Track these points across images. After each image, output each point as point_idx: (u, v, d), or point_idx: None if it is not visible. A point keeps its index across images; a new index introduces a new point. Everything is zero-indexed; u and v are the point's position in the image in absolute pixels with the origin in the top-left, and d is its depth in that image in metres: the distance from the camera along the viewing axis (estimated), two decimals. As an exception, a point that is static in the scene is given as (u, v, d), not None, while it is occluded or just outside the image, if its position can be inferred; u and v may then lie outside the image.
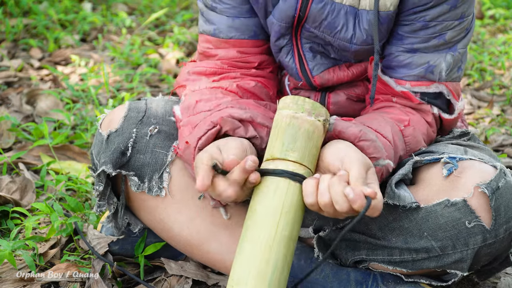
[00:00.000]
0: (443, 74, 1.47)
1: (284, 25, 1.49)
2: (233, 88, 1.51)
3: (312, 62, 1.54)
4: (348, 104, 1.59)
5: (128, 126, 1.50)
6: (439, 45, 1.46)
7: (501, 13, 4.18)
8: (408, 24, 1.46)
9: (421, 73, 1.47)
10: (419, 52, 1.46)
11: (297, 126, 1.27)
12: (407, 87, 1.48)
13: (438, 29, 1.44)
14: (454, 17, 1.44)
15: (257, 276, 1.17)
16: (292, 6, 1.46)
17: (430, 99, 1.49)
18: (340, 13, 1.45)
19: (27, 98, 2.76)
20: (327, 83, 1.56)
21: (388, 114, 1.47)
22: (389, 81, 1.49)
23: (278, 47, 1.55)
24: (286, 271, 1.21)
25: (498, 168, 1.35)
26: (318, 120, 1.29)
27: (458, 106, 1.53)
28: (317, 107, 1.30)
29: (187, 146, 1.36)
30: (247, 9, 1.52)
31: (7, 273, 1.63)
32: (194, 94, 1.48)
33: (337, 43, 1.49)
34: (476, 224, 1.32)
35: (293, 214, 1.23)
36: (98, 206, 1.56)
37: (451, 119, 1.53)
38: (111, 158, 1.48)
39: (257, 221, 1.22)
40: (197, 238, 1.51)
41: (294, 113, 1.28)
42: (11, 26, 3.66)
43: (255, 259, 1.19)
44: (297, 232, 1.25)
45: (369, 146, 1.30)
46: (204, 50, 1.56)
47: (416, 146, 1.46)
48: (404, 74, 1.48)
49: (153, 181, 1.49)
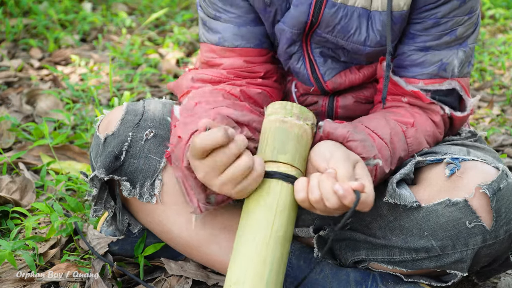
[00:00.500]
0: (456, 70, 1.47)
1: (296, 32, 1.48)
2: (236, 92, 1.49)
3: (323, 67, 1.53)
4: (357, 106, 1.58)
5: (125, 129, 1.49)
6: (450, 41, 1.45)
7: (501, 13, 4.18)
8: (420, 22, 1.45)
9: (435, 71, 1.46)
10: (431, 50, 1.46)
11: (286, 130, 1.29)
12: (420, 85, 1.47)
13: (450, 26, 1.44)
14: (464, 12, 1.44)
15: (255, 276, 1.18)
16: (304, 12, 1.45)
17: (441, 97, 1.49)
18: (353, 16, 1.44)
19: (27, 98, 2.76)
20: (339, 87, 1.55)
21: (393, 114, 1.47)
22: (399, 80, 1.49)
23: (289, 54, 1.53)
24: (282, 270, 1.22)
25: (500, 170, 1.35)
26: (307, 124, 1.31)
27: (470, 102, 1.52)
28: (304, 111, 1.32)
29: (179, 140, 1.33)
30: (253, 18, 1.51)
31: (7, 273, 1.63)
32: (195, 96, 1.48)
33: (350, 46, 1.48)
34: (476, 224, 1.32)
35: (287, 214, 1.24)
36: (94, 210, 1.55)
37: (463, 116, 1.52)
38: (105, 162, 1.47)
39: (252, 222, 1.23)
40: (196, 239, 1.51)
41: (283, 118, 1.30)
42: (11, 26, 3.66)
43: (252, 259, 1.20)
44: (291, 232, 1.26)
45: (357, 146, 1.31)
46: (207, 59, 1.54)
47: (418, 147, 1.45)
48: (417, 73, 1.47)
49: (144, 187, 1.48)
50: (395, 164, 1.40)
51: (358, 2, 1.43)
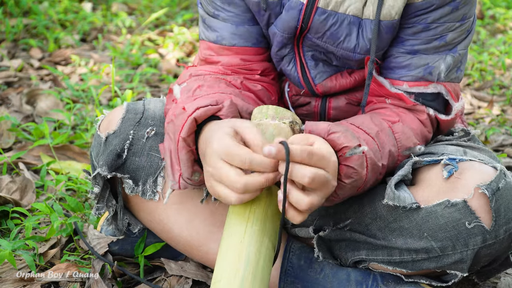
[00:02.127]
0: (442, 75, 1.47)
1: (287, 36, 1.48)
2: (237, 83, 1.50)
3: (314, 70, 1.54)
4: (349, 108, 1.58)
5: (126, 127, 1.50)
6: (439, 46, 1.45)
7: (501, 13, 4.18)
8: (410, 27, 1.45)
9: (420, 73, 1.46)
10: (419, 54, 1.46)
11: (262, 131, 1.29)
12: (404, 87, 1.47)
13: (439, 31, 1.44)
14: (455, 18, 1.44)
15: (230, 272, 1.17)
16: (294, 17, 1.45)
17: (426, 101, 1.49)
18: (343, 23, 1.44)
19: (27, 98, 2.76)
20: (330, 90, 1.55)
21: (379, 115, 1.47)
22: (383, 81, 1.48)
23: (280, 56, 1.54)
24: (262, 265, 1.20)
25: (498, 169, 1.35)
26: (283, 122, 1.31)
27: (456, 107, 1.52)
28: (280, 111, 1.33)
29: (183, 111, 1.32)
30: (250, 17, 1.52)
31: (7, 273, 1.63)
32: (197, 80, 1.47)
33: (340, 52, 1.48)
34: (476, 224, 1.32)
35: (262, 209, 1.23)
36: (96, 208, 1.55)
37: (447, 120, 1.52)
38: (107, 160, 1.48)
39: (231, 217, 1.24)
40: (197, 239, 1.51)
41: (259, 121, 1.31)
42: (11, 26, 3.66)
43: (228, 255, 1.19)
44: (271, 226, 1.24)
45: (339, 137, 1.28)
46: (206, 56, 1.55)
47: (408, 142, 1.44)
48: (402, 74, 1.47)
49: (147, 184, 1.49)
50: (386, 158, 1.39)
51: (349, 10, 1.43)
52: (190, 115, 1.29)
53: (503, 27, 4.06)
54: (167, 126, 1.36)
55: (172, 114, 1.34)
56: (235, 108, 1.34)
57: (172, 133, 1.33)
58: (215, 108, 1.31)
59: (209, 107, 1.30)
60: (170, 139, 1.34)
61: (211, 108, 1.31)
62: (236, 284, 1.15)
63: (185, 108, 1.31)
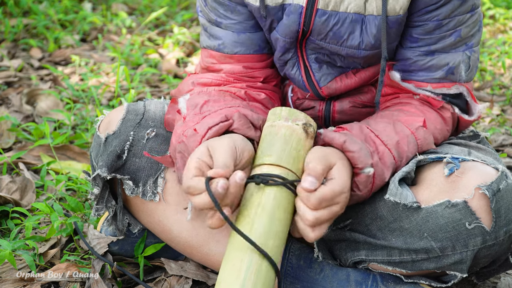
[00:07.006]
0: (463, 74, 1.47)
1: (289, 40, 1.48)
2: (241, 94, 1.50)
3: (318, 73, 1.53)
4: (354, 111, 1.58)
5: (126, 128, 1.50)
6: (456, 42, 1.45)
7: (501, 13, 4.18)
8: (421, 25, 1.45)
9: (442, 75, 1.46)
10: (437, 53, 1.45)
11: (274, 133, 1.29)
12: (428, 89, 1.47)
13: (452, 26, 1.44)
14: (466, 10, 1.43)
15: (231, 273, 1.17)
16: (295, 21, 1.45)
17: (451, 99, 1.49)
18: (345, 22, 1.44)
19: (27, 98, 2.76)
20: (335, 92, 1.55)
21: (403, 113, 1.46)
22: (408, 86, 1.49)
23: (284, 61, 1.54)
24: (265, 268, 1.19)
25: (499, 170, 1.35)
26: (296, 124, 1.31)
27: (478, 108, 1.52)
28: (294, 113, 1.33)
29: (194, 133, 1.33)
30: (252, 24, 1.51)
31: (7, 273, 1.63)
32: (202, 95, 1.47)
33: (345, 51, 1.48)
34: (476, 225, 1.32)
35: (267, 212, 1.22)
36: (96, 210, 1.55)
37: (470, 120, 1.52)
38: (107, 161, 1.48)
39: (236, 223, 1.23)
40: (197, 240, 1.51)
41: (272, 123, 1.32)
42: (11, 26, 3.66)
43: (230, 257, 1.19)
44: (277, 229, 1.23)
45: (353, 156, 1.30)
46: (208, 65, 1.55)
47: (427, 148, 1.45)
48: (425, 77, 1.47)
49: (147, 185, 1.49)
50: (400, 168, 1.40)
51: (350, 8, 1.42)
52: (203, 137, 1.31)
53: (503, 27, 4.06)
54: (178, 146, 1.37)
55: (182, 134, 1.36)
56: (245, 119, 1.35)
57: (187, 153, 1.35)
58: (226, 125, 1.33)
59: (220, 124, 1.33)
60: (183, 157, 1.36)
61: (222, 126, 1.33)
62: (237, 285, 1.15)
63: (196, 130, 1.33)
